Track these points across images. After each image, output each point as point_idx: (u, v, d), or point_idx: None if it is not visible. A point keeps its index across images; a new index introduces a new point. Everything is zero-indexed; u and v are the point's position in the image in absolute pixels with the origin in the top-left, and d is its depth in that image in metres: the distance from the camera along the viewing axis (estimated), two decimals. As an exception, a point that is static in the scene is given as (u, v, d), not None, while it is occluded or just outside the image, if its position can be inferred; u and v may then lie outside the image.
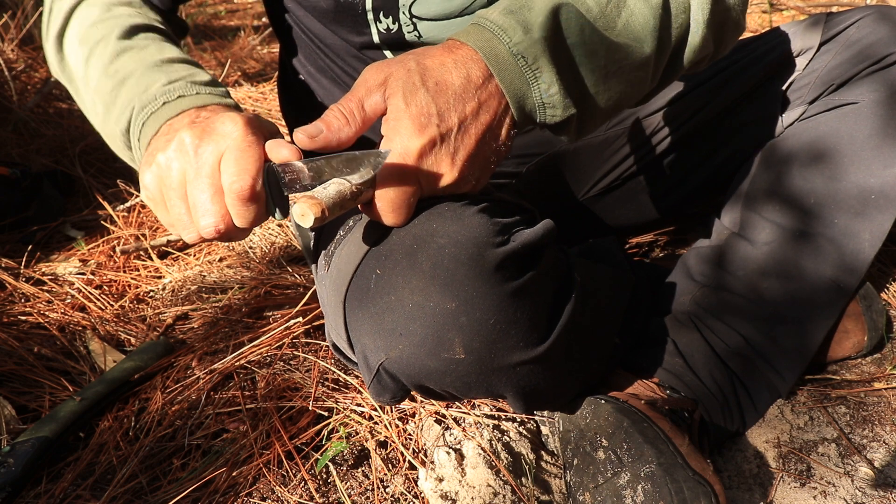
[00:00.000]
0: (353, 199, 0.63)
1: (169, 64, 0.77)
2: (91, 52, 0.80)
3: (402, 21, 0.89)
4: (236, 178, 0.63)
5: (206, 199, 0.64)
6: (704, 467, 0.80)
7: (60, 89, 2.56)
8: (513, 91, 0.68)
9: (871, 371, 1.08)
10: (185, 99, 0.72)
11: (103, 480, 0.98)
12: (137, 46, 0.79)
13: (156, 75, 0.75)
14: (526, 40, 0.67)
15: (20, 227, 1.73)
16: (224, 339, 1.24)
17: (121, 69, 0.77)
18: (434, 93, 0.66)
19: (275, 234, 1.62)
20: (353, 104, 0.66)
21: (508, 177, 1.12)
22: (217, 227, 0.64)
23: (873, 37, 0.94)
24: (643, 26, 0.73)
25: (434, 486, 0.88)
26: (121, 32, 0.80)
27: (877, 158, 0.93)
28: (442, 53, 0.68)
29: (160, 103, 0.72)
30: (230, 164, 0.63)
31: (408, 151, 0.65)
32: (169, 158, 0.66)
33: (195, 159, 0.65)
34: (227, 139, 0.65)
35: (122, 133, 0.77)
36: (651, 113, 1.10)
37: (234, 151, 0.64)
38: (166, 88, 0.73)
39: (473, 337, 0.67)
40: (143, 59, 0.77)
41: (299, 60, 1.03)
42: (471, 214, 0.68)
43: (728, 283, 1.00)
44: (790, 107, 1.02)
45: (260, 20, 3.65)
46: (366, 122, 0.66)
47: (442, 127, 0.66)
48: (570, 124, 0.73)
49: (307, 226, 0.59)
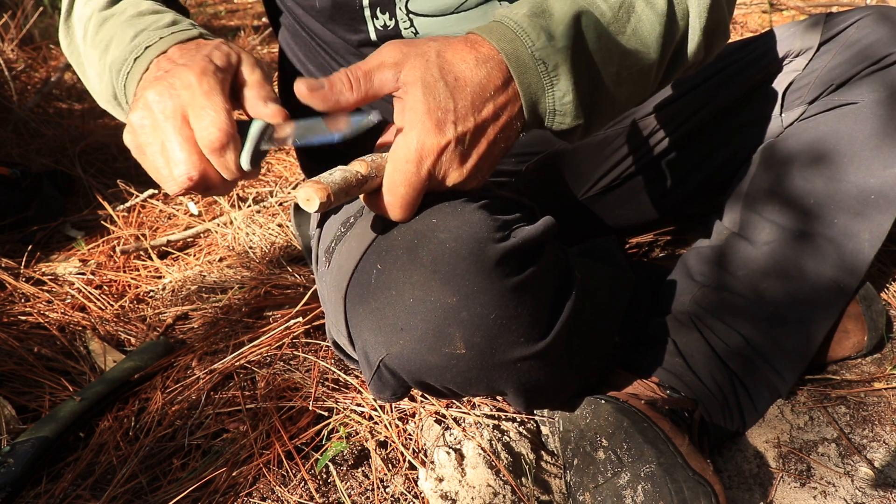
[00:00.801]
0: (359, 187, 0.63)
1: (139, 17, 0.78)
2: (85, 29, 0.83)
3: (398, 17, 0.89)
4: (207, 131, 0.64)
5: (174, 148, 0.65)
6: (704, 467, 0.81)
7: (60, 89, 2.56)
8: (528, 95, 0.68)
9: (871, 371, 1.08)
10: (150, 48, 0.73)
11: (103, 480, 0.98)
12: (118, 12, 0.81)
13: (127, 32, 0.76)
14: (549, 47, 0.67)
15: (20, 227, 1.74)
16: (224, 339, 1.24)
17: (104, 37, 0.79)
18: (453, 88, 0.65)
19: (275, 234, 1.62)
20: (362, 73, 0.66)
21: (508, 175, 1.12)
22: (189, 174, 0.65)
23: (873, 37, 0.94)
24: (650, 32, 0.74)
25: (434, 486, 0.88)
26: (105, 3, 0.82)
27: (876, 158, 0.93)
28: (463, 47, 0.68)
29: (132, 61, 0.74)
30: (199, 119, 0.64)
31: (423, 148, 0.65)
32: (140, 118, 0.67)
33: (160, 116, 0.66)
34: (185, 91, 0.65)
35: (112, 97, 0.78)
36: (651, 113, 1.10)
37: (198, 106, 0.65)
38: (134, 44, 0.74)
39: (474, 332, 0.67)
40: (120, 21, 0.79)
41: (298, 59, 1.03)
42: (472, 210, 0.68)
43: (728, 283, 1.00)
44: (790, 107, 1.02)
45: (260, 20, 3.66)
46: (369, 94, 0.66)
47: (459, 128, 0.65)
48: (576, 132, 0.74)
49: (312, 211, 0.59)
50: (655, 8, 0.74)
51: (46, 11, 3.18)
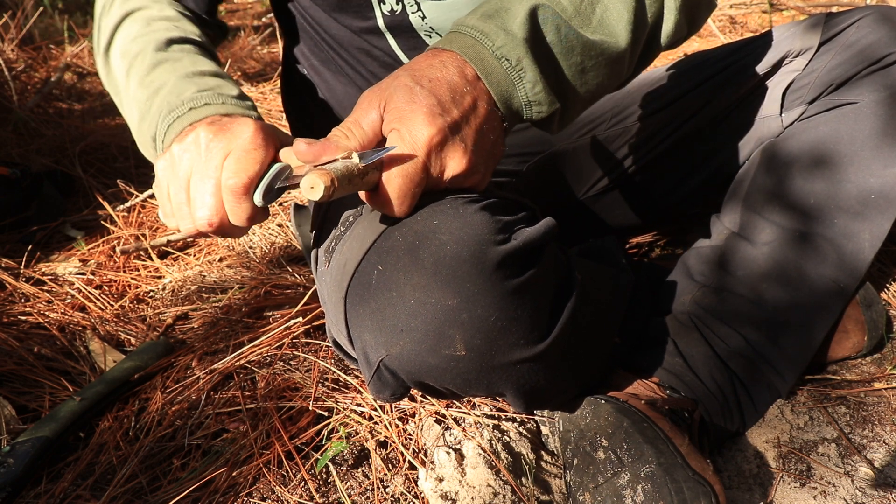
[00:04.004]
0: (361, 178, 0.64)
1: (200, 76, 0.81)
2: (131, 65, 0.84)
3: (405, 2, 0.91)
4: (233, 175, 0.66)
5: (204, 191, 0.67)
6: (704, 467, 0.81)
7: (60, 89, 2.56)
8: (500, 92, 0.71)
9: (871, 371, 1.08)
10: (211, 107, 0.76)
11: (103, 480, 0.98)
12: (172, 59, 0.83)
13: (187, 85, 0.78)
14: (509, 43, 0.70)
15: (20, 227, 1.74)
16: (224, 339, 1.24)
17: (156, 80, 0.81)
18: (430, 87, 0.68)
19: (275, 234, 1.62)
20: (351, 122, 0.69)
21: (508, 175, 1.12)
22: (210, 220, 0.68)
23: (873, 37, 0.94)
24: (618, 20, 0.76)
25: (434, 486, 0.88)
26: (157, 45, 0.84)
27: (877, 158, 0.93)
28: (427, 58, 0.71)
29: (187, 108, 0.76)
30: (232, 162, 0.67)
31: (417, 140, 0.66)
32: (182, 150, 0.70)
33: (204, 153, 0.68)
34: (238, 139, 0.68)
35: (152, 139, 0.80)
36: (650, 114, 1.10)
37: (239, 151, 0.67)
38: (195, 96, 0.77)
39: (474, 334, 0.67)
40: (176, 69, 0.81)
41: (302, 53, 1.03)
42: (473, 212, 0.68)
43: (728, 283, 1.00)
44: (790, 107, 1.02)
45: (260, 20, 3.66)
46: (364, 139, 0.68)
47: (447, 118, 0.67)
48: (554, 118, 0.76)
49: (316, 198, 0.60)
50: None
51: (46, 11, 3.19)
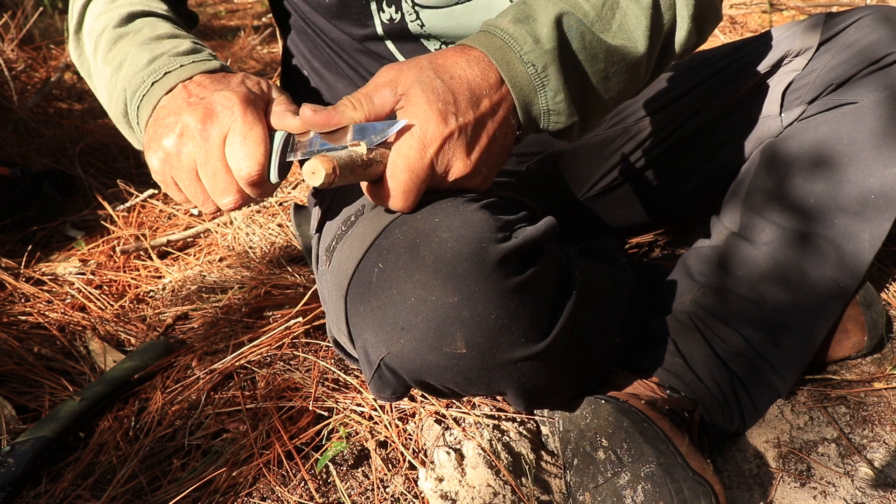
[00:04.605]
0: (364, 168, 0.64)
1: (156, 41, 0.79)
2: (96, 44, 0.83)
3: (404, 10, 0.91)
4: (244, 165, 0.66)
5: (221, 179, 0.68)
6: (704, 467, 0.81)
7: (60, 89, 2.56)
8: (521, 97, 0.71)
9: (871, 371, 1.08)
10: (171, 74, 0.74)
11: (103, 480, 0.98)
12: (132, 31, 0.82)
13: (142, 54, 0.77)
14: (536, 49, 0.70)
15: (20, 227, 1.74)
16: (224, 339, 1.24)
17: (117, 55, 0.80)
18: (450, 84, 0.68)
19: (275, 234, 1.62)
20: (362, 95, 0.68)
21: (508, 175, 1.12)
22: (236, 202, 0.69)
23: (873, 37, 0.94)
24: (636, 26, 0.76)
25: (434, 486, 0.88)
26: (118, 20, 0.83)
27: (876, 158, 0.93)
28: (454, 53, 0.70)
29: (149, 84, 0.75)
30: (237, 151, 0.67)
31: (427, 135, 0.66)
32: (176, 143, 0.69)
33: (203, 143, 0.68)
34: (228, 118, 0.67)
35: (122, 115, 0.80)
36: (650, 113, 1.10)
37: (238, 136, 0.67)
38: (151, 67, 0.75)
39: (475, 332, 0.67)
40: (135, 41, 0.80)
41: (303, 55, 1.03)
42: (473, 210, 0.68)
43: (728, 283, 1.00)
44: (789, 107, 1.02)
45: (260, 20, 3.66)
46: (371, 113, 0.68)
47: (461, 119, 0.67)
48: (572, 130, 0.76)
49: (317, 184, 0.60)
50: (640, 1, 0.76)
51: (46, 11, 3.18)
